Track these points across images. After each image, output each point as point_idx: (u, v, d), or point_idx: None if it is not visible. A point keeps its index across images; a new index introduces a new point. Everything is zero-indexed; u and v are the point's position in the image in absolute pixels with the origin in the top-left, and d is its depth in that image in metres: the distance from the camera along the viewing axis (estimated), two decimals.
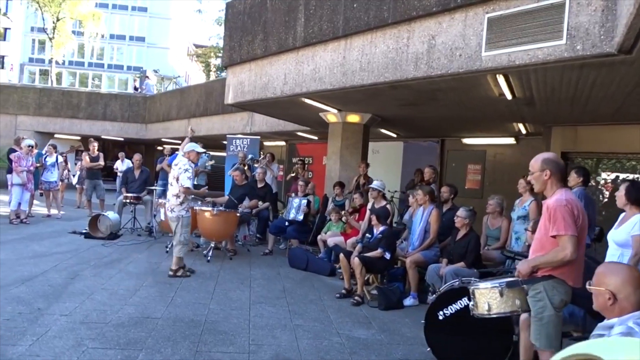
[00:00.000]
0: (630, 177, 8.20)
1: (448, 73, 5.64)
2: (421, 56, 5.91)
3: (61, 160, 11.59)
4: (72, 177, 14.11)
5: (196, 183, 9.76)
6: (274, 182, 10.60)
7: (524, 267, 3.15)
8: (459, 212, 5.84)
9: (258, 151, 12.19)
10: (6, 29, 44.67)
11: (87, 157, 11.73)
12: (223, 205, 8.00)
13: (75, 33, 35.10)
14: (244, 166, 10.39)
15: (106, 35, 38.09)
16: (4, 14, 32.70)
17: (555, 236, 2.99)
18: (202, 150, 7.17)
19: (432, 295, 6.01)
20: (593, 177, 8.62)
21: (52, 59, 31.66)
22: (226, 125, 17.27)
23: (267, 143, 18.78)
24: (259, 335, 4.45)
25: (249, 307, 5.30)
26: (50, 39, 30.86)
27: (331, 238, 7.53)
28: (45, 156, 10.95)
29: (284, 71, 8.14)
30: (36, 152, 10.27)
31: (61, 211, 11.41)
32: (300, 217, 8.15)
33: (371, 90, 7.05)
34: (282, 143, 18.61)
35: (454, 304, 3.96)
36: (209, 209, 7.40)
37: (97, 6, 37.92)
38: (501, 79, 5.75)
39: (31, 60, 50.04)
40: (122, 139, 23.68)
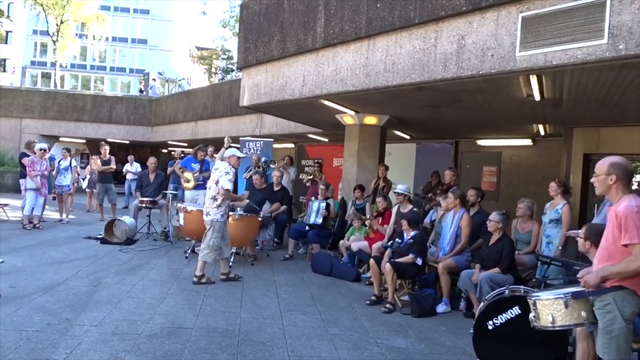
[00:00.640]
0: None
1: (479, 74, 5.50)
2: (450, 56, 5.78)
3: (75, 164, 11.44)
4: (82, 180, 13.97)
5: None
6: (289, 185, 10.46)
7: (591, 278, 2.99)
8: (491, 216, 5.70)
9: (271, 153, 12.05)
10: (8, 32, 44.52)
11: (98, 160, 11.60)
12: (243, 209, 7.86)
13: (78, 36, 34.99)
14: (259, 169, 10.26)
15: (109, 38, 37.95)
16: (7, 16, 32.52)
17: (627, 245, 2.84)
18: (243, 155, 7.09)
19: (464, 301, 5.92)
20: None
21: (57, 61, 31.50)
22: (235, 128, 17.12)
23: (275, 145, 18.59)
24: (297, 345, 4.31)
25: (280, 315, 5.15)
26: (55, 41, 30.71)
27: (355, 243, 7.38)
28: (59, 160, 10.81)
29: (302, 72, 8.00)
30: (48, 155, 10.12)
31: (70, 215, 11.25)
32: (320, 221, 8.00)
33: (395, 92, 6.92)
34: (291, 145, 18.49)
35: (504, 314, 3.81)
36: (230, 213, 7.24)
37: (99, 9, 37.79)
38: (534, 79, 5.61)
39: (33, 63, 49.97)
40: (127, 141, 23.55)
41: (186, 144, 23.43)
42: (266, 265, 7.67)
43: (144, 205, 9.26)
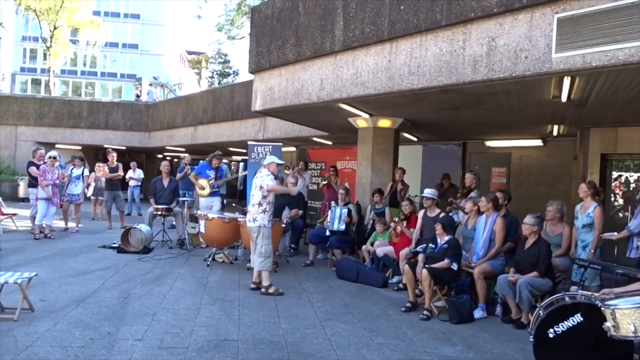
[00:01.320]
0: None
1: (512, 76, 5.45)
2: (480, 59, 5.72)
3: (87, 173, 11.26)
4: (86, 188, 13.75)
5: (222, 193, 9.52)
6: (304, 191, 10.35)
7: None
8: (526, 220, 5.64)
9: (281, 157, 11.92)
10: None
11: (105, 167, 11.42)
12: None
13: (72, 42, 34.57)
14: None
15: (101, 43, 37.50)
16: (0, 23, 32.06)
17: None
18: (282, 162, 7.12)
19: (500, 306, 5.86)
20: (635, 178, 8.51)
21: (50, 68, 31.10)
22: (236, 132, 16.99)
23: None
24: (347, 356, 4.22)
25: (320, 324, 5.06)
26: (48, 47, 30.31)
27: (380, 248, 7.30)
28: (71, 168, 10.61)
29: (319, 76, 7.92)
30: (58, 164, 9.93)
31: (80, 224, 11.07)
32: (342, 227, 7.91)
33: (418, 95, 6.86)
34: (292, 149, 18.36)
35: (566, 321, 3.75)
36: None
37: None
38: (567, 80, 5.57)
39: (22, 69, 49.36)
40: (124, 147, 23.30)
41: (184, 149, 23.28)
42: (289, 272, 7.56)
43: (159, 213, 9.09)
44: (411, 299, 5.87)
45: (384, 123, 9.30)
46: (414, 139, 12.70)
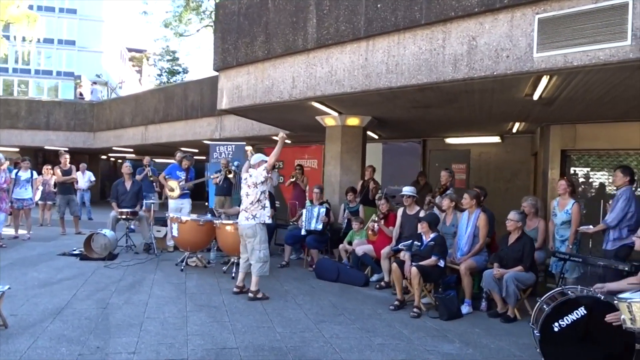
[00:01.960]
0: None
1: (494, 74, 5.54)
2: (461, 57, 5.78)
3: (36, 176, 10.54)
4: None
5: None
6: (273, 191, 10.17)
7: None
8: (510, 215, 5.76)
9: (244, 157, 11.69)
10: None
11: (58, 170, 10.79)
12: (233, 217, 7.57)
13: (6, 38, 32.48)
14: (229, 173, 9.92)
15: (35, 39, 35.48)
16: None
17: None
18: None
19: (485, 301, 5.96)
20: (594, 173, 8.89)
21: None
22: (190, 131, 16.53)
23: None
24: (353, 359, 4.14)
25: (315, 327, 4.95)
26: None
27: (359, 247, 7.26)
28: (16, 171, 9.90)
29: (291, 74, 7.79)
30: (5, 167, 9.24)
31: (31, 231, 10.39)
32: (320, 227, 7.81)
33: (395, 93, 6.87)
34: (249, 148, 18.03)
35: (570, 315, 3.83)
36: (230, 222, 6.92)
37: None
38: (545, 79, 5.73)
39: None
40: (67, 148, 22.16)
41: (132, 150, 22.43)
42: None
43: (123, 217, 8.65)
44: (399, 297, 5.87)
45: (353, 121, 9.28)
46: (375, 137, 12.77)
